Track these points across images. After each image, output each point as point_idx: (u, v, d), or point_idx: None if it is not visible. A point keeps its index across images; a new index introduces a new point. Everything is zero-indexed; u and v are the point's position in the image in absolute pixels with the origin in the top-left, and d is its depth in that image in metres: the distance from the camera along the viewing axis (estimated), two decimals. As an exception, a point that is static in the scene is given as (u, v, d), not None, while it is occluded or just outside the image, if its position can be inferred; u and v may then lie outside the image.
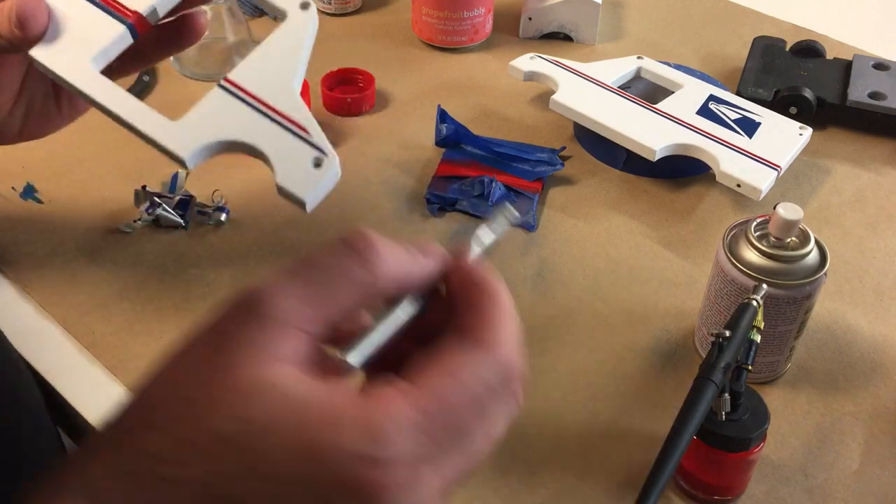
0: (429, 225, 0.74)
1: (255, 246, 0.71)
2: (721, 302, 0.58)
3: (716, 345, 0.48)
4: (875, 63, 0.89)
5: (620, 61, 0.87)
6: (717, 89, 0.83)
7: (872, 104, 0.84)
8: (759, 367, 0.60)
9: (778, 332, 0.58)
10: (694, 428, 0.45)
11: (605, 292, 0.68)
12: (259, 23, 1.01)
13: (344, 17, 1.03)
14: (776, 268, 0.56)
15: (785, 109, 0.84)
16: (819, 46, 0.92)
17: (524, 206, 0.75)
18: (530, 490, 0.55)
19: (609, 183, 0.79)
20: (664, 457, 0.44)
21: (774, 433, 0.58)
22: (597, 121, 0.78)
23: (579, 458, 0.56)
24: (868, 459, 0.57)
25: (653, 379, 0.62)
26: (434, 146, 0.82)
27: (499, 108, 0.88)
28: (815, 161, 0.82)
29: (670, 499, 0.55)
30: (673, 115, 0.78)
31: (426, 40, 0.97)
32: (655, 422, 0.58)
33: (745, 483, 0.54)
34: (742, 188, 0.72)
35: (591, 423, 0.58)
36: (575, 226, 0.74)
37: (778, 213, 0.55)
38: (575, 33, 0.98)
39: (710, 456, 0.51)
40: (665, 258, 0.71)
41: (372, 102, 0.87)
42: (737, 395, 0.49)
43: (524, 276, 0.69)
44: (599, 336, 0.65)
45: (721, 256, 0.58)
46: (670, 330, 0.65)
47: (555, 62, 0.85)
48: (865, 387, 0.62)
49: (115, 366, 0.61)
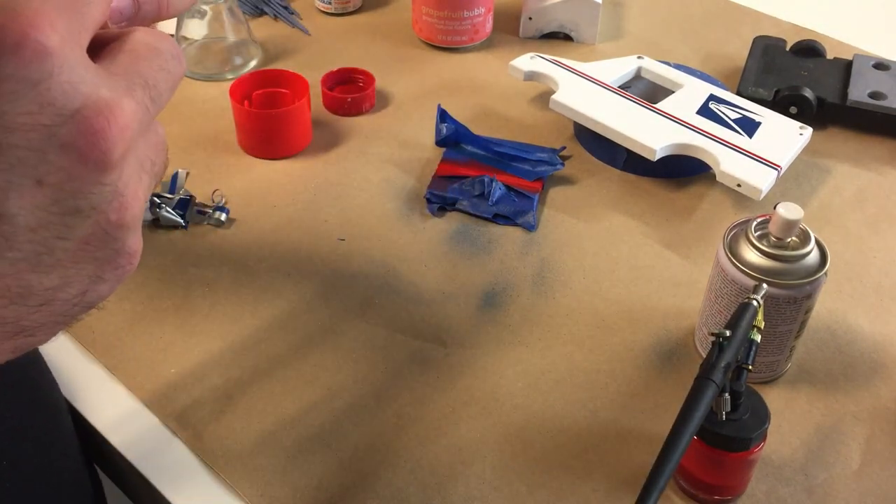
0: (429, 224, 0.74)
1: (255, 246, 0.71)
2: (721, 302, 0.58)
3: (716, 344, 0.48)
4: (875, 63, 0.89)
5: (620, 61, 0.87)
6: (717, 89, 0.83)
7: (873, 104, 0.84)
8: (760, 367, 0.60)
9: (778, 332, 0.58)
10: (694, 428, 0.45)
11: (605, 292, 0.68)
12: (259, 23, 1.01)
13: (344, 16, 1.03)
14: (776, 267, 0.56)
15: (785, 109, 0.84)
16: (819, 46, 0.92)
17: (525, 205, 0.75)
18: (530, 490, 0.55)
19: (609, 183, 0.79)
20: (664, 457, 0.44)
21: (775, 433, 0.58)
22: (597, 120, 0.78)
23: (579, 458, 0.56)
24: (868, 459, 0.57)
25: (653, 379, 0.62)
26: (434, 146, 0.82)
27: (499, 107, 0.88)
28: (815, 161, 0.82)
29: (670, 499, 0.55)
30: (673, 115, 0.78)
31: (426, 40, 0.97)
32: (655, 422, 0.58)
33: (745, 483, 0.54)
34: (742, 188, 0.72)
35: (591, 423, 0.58)
36: (575, 225, 0.74)
37: (778, 213, 0.55)
38: (575, 33, 0.98)
39: (710, 456, 0.51)
40: (665, 258, 0.71)
41: (372, 102, 0.87)
42: (737, 394, 0.49)
43: (524, 276, 0.69)
44: (599, 336, 0.65)
45: (721, 256, 0.58)
46: (670, 330, 0.65)
47: (555, 62, 0.85)
48: (866, 386, 0.62)
49: (115, 366, 0.61)
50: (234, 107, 0.80)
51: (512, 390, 0.60)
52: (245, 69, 0.92)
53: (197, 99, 0.88)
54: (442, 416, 0.59)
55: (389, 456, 0.56)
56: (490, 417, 0.59)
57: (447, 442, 0.57)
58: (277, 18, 1.02)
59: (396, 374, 0.61)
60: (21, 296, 0.29)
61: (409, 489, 0.54)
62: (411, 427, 0.58)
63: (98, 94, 0.28)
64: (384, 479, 0.55)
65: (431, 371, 0.62)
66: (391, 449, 0.57)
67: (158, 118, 0.32)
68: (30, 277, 0.29)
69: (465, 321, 0.65)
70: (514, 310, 0.66)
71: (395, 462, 0.56)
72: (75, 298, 0.30)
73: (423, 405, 0.59)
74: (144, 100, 0.30)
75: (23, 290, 0.29)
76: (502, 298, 0.67)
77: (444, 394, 0.60)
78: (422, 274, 0.69)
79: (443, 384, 0.61)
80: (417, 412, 0.59)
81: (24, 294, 0.29)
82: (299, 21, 1.02)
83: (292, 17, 1.02)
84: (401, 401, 0.60)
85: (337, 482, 0.55)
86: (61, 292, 0.30)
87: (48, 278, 0.29)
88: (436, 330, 0.64)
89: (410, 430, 0.58)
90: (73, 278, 0.30)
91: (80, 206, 0.28)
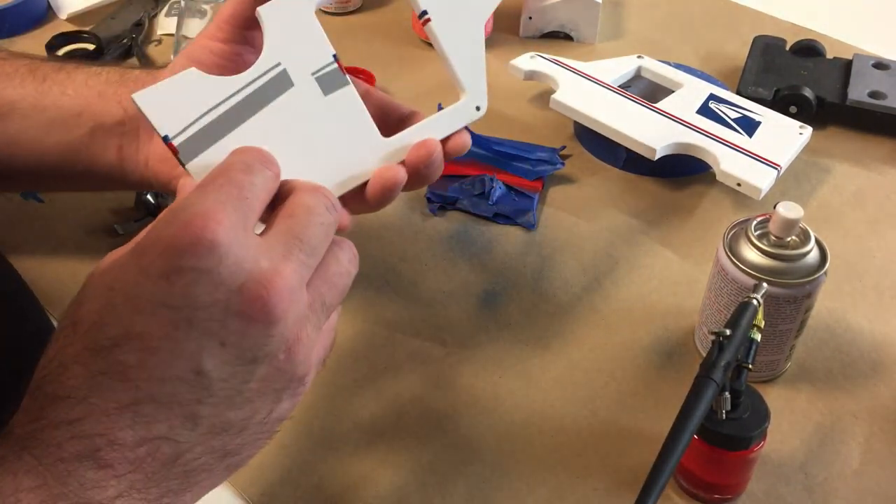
0: (429, 224, 0.74)
1: (256, 245, 0.71)
2: (721, 301, 0.58)
3: (716, 344, 0.48)
4: (875, 62, 0.89)
5: (621, 60, 0.87)
6: (717, 88, 0.83)
7: (872, 103, 0.84)
8: (760, 366, 0.60)
9: (778, 331, 0.58)
10: (694, 427, 0.45)
11: (605, 291, 0.68)
12: (259, 22, 1.01)
13: (344, 16, 1.03)
14: (776, 267, 0.56)
15: (785, 109, 0.84)
16: (819, 46, 0.92)
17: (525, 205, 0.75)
18: (530, 490, 0.55)
19: (609, 182, 0.79)
20: (664, 456, 0.44)
21: (774, 432, 0.58)
22: (597, 120, 0.78)
23: (579, 457, 0.56)
24: (868, 458, 0.57)
25: (653, 378, 0.62)
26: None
27: (499, 106, 0.88)
28: (815, 160, 0.82)
29: (671, 498, 0.55)
30: (673, 115, 0.78)
31: (426, 39, 0.97)
32: (655, 421, 0.58)
33: (745, 482, 0.54)
34: (742, 187, 0.72)
35: (591, 423, 0.58)
36: (575, 224, 0.74)
37: (778, 212, 0.55)
38: (575, 32, 0.98)
39: (710, 455, 0.51)
40: (665, 257, 0.71)
41: (372, 102, 0.87)
42: (737, 393, 0.49)
43: (525, 275, 0.69)
44: (599, 335, 0.65)
45: (721, 255, 0.58)
46: (670, 329, 0.65)
47: (555, 61, 0.85)
48: (865, 386, 0.62)
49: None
50: (235, 106, 0.79)
51: (512, 389, 0.60)
52: (245, 69, 0.92)
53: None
54: (442, 415, 0.59)
55: (389, 456, 0.56)
56: (490, 417, 0.59)
57: (447, 441, 0.57)
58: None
59: (396, 374, 0.61)
60: (223, 429, 0.37)
61: (409, 489, 0.54)
62: (411, 426, 0.58)
63: (258, 268, 0.36)
64: (384, 479, 0.55)
65: (431, 371, 0.62)
66: (391, 449, 0.57)
67: None
68: (227, 414, 0.37)
69: (465, 321, 0.65)
70: (514, 309, 0.66)
71: (395, 462, 0.56)
72: (264, 419, 0.38)
73: (423, 404, 0.59)
74: (300, 257, 0.38)
75: (224, 424, 0.37)
76: (502, 298, 0.67)
77: (444, 393, 0.60)
78: (422, 273, 0.69)
79: (443, 384, 0.61)
80: (417, 411, 0.59)
81: (225, 427, 0.37)
82: (299, 21, 1.02)
83: (292, 17, 1.02)
84: (401, 400, 0.60)
85: (337, 482, 0.55)
86: (252, 419, 0.38)
87: (241, 412, 0.37)
88: (436, 329, 0.64)
89: (410, 430, 0.58)
90: (259, 407, 0.38)
91: (256, 356, 0.36)
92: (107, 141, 0.59)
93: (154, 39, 0.97)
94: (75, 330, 0.36)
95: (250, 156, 0.40)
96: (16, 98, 0.59)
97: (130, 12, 1.00)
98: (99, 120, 0.58)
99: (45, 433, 0.35)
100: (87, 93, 0.59)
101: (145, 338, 0.35)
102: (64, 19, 0.99)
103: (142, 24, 0.98)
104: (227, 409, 0.37)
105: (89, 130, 0.58)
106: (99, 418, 0.35)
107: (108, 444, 0.35)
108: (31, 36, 0.97)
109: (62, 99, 0.58)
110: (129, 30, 0.97)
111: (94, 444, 0.35)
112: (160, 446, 0.36)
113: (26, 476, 0.34)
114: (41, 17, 1.00)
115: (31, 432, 0.35)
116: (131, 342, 0.35)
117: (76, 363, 0.36)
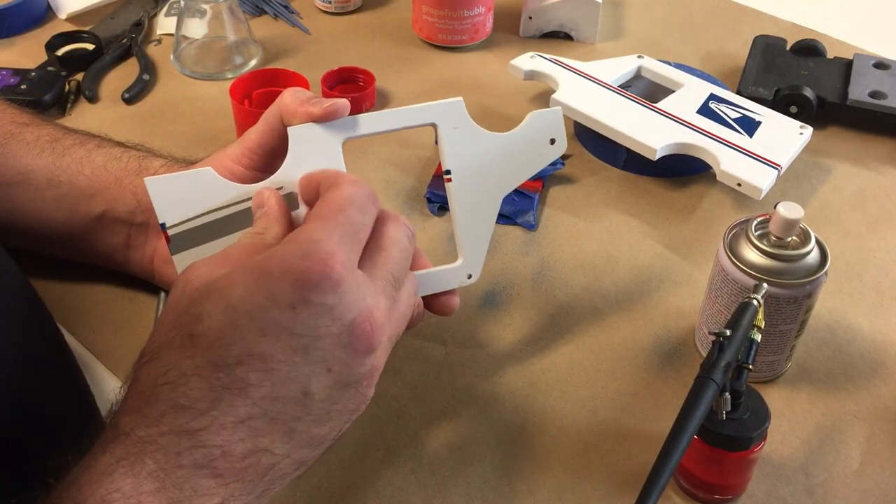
0: (429, 224, 0.74)
1: (255, 245, 0.71)
2: (721, 301, 0.58)
3: (716, 344, 0.48)
4: (875, 62, 0.89)
5: (621, 60, 0.87)
6: (717, 88, 0.83)
7: (873, 103, 0.84)
8: (760, 367, 0.60)
9: (778, 332, 0.58)
10: (694, 427, 0.45)
11: (605, 291, 0.68)
12: (259, 22, 1.01)
13: (344, 15, 1.03)
14: (777, 267, 0.56)
15: (785, 108, 0.84)
16: (819, 45, 0.91)
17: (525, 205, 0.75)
18: (530, 490, 0.54)
19: (609, 182, 0.79)
20: (664, 456, 0.44)
21: (775, 432, 0.58)
22: (597, 120, 0.78)
23: (579, 458, 0.56)
24: (868, 459, 0.57)
25: (653, 378, 0.61)
26: (434, 145, 0.82)
27: (499, 106, 0.88)
28: (815, 160, 0.82)
29: (671, 498, 0.55)
30: (673, 115, 0.78)
31: (426, 39, 0.97)
32: (655, 421, 0.58)
33: (745, 482, 0.54)
34: (742, 187, 0.72)
35: (591, 423, 0.58)
36: (575, 224, 0.74)
37: (778, 212, 0.55)
38: (575, 32, 0.98)
39: (710, 455, 0.51)
40: (665, 257, 0.71)
41: (372, 101, 0.87)
42: (737, 394, 0.49)
43: (525, 275, 0.69)
44: (600, 335, 0.65)
45: (721, 255, 0.58)
46: (670, 329, 0.65)
47: (555, 61, 0.85)
48: (866, 386, 0.61)
49: (115, 365, 0.61)
50: (235, 106, 0.80)
51: (512, 390, 0.60)
52: (245, 68, 0.92)
53: (197, 98, 0.88)
54: (442, 415, 0.59)
55: (389, 456, 0.56)
56: (490, 417, 0.59)
57: (447, 441, 0.57)
58: (277, 18, 1.02)
59: (396, 374, 0.61)
60: (308, 443, 0.42)
61: (409, 489, 0.54)
62: (411, 426, 0.58)
63: (365, 304, 0.41)
64: (384, 479, 0.55)
65: (431, 370, 0.62)
66: (391, 449, 0.57)
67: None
68: (315, 430, 0.42)
69: (465, 320, 0.65)
70: (514, 309, 0.66)
71: (395, 462, 0.56)
72: (335, 434, 0.43)
73: (424, 404, 0.59)
74: (391, 292, 0.44)
75: (311, 439, 0.42)
76: (502, 298, 0.67)
77: (444, 393, 0.60)
78: (422, 273, 0.69)
79: (443, 383, 0.61)
80: (417, 411, 0.59)
81: (310, 442, 0.42)
82: (299, 20, 1.02)
83: (292, 17, 1.02)
84: (401, 400, 0.59)
85: (337, 482, 0.55)
86: (330, 435, 0.43)
87: (324, 428, 0.42)
88: (436, 329, 0.64)
89: (410, 430, 0.58)
90: (337, 425, 0.43)
91: (350, 381, 0.42)
92: (116, 227, 0.60)
93: (154, 39, 0.98)
94: (194, 343, 0.39)
95: (364, 195, 0.44)
96: (32, 168, 0.60)
97: (130, 12, 1.01)
98: (111, 206, 0.59)
99: (165, 439, 0.38)
100: (105, 177, 0.60)
101: (267, 359, 0.39)
102: (63, 19, 0.99)
103: (141, 23, 0.98)
104: (316, 426, 0.41)
105: (100, 214, 0.60)
106: (218, 431, 0.38)
107: (223, 454, 0.38)
108: (31, 36, 0.97)
109: (78, 178, 0.60)
110: (129, 30, 0.97)
111: (210, 455, 0.38)
112: (261, 458, 0.40)
113: (147, 479, 0.37)
114: (41, 17, 1.00)
115: (151, 437, 0.38)
116: (254, 362, 0.39)
117: (196, 375, 0.38)
